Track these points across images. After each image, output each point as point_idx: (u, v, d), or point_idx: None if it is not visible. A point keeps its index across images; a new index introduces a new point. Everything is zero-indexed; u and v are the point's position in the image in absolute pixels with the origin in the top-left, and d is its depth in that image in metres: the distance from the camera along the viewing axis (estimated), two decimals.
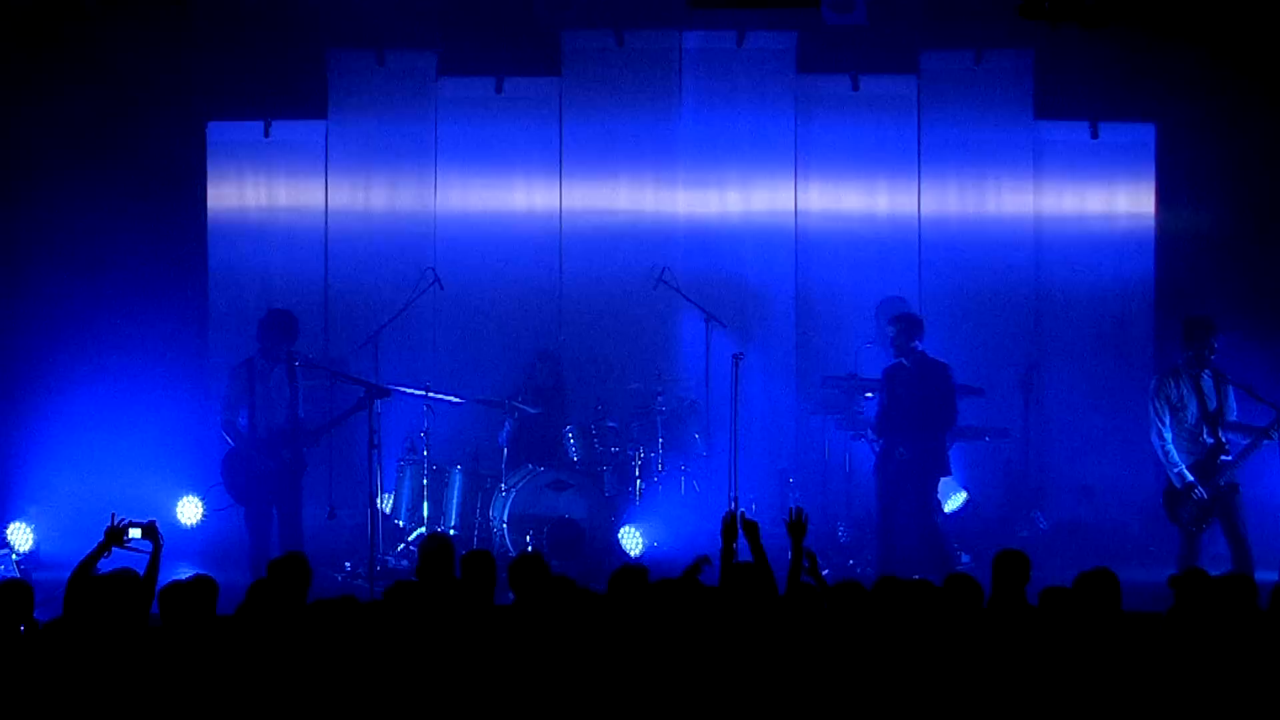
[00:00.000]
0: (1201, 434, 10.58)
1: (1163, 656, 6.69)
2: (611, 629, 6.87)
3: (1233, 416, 10.57)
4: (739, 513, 7.91)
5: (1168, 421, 10.61)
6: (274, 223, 13.70)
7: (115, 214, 13.17)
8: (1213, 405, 10.54)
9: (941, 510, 11.61)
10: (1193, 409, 10.57)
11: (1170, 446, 10.60)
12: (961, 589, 7.11)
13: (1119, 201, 13.65)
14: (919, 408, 11.17)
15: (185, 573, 7.55)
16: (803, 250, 13.69)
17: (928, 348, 11.35)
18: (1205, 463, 10.53)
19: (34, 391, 12.82)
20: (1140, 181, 13.60)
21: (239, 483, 11.18)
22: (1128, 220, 13.61)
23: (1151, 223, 13.56)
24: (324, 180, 13.75)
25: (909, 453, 11.11)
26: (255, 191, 13.72)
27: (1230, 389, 10.57)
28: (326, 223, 13.75)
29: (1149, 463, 11.89)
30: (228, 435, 11.18)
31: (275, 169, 13.75)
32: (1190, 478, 10.51)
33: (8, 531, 12.18)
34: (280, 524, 11.19)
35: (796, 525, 7.74)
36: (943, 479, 11.45)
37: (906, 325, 11.33)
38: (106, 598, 6.94)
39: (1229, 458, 10.50)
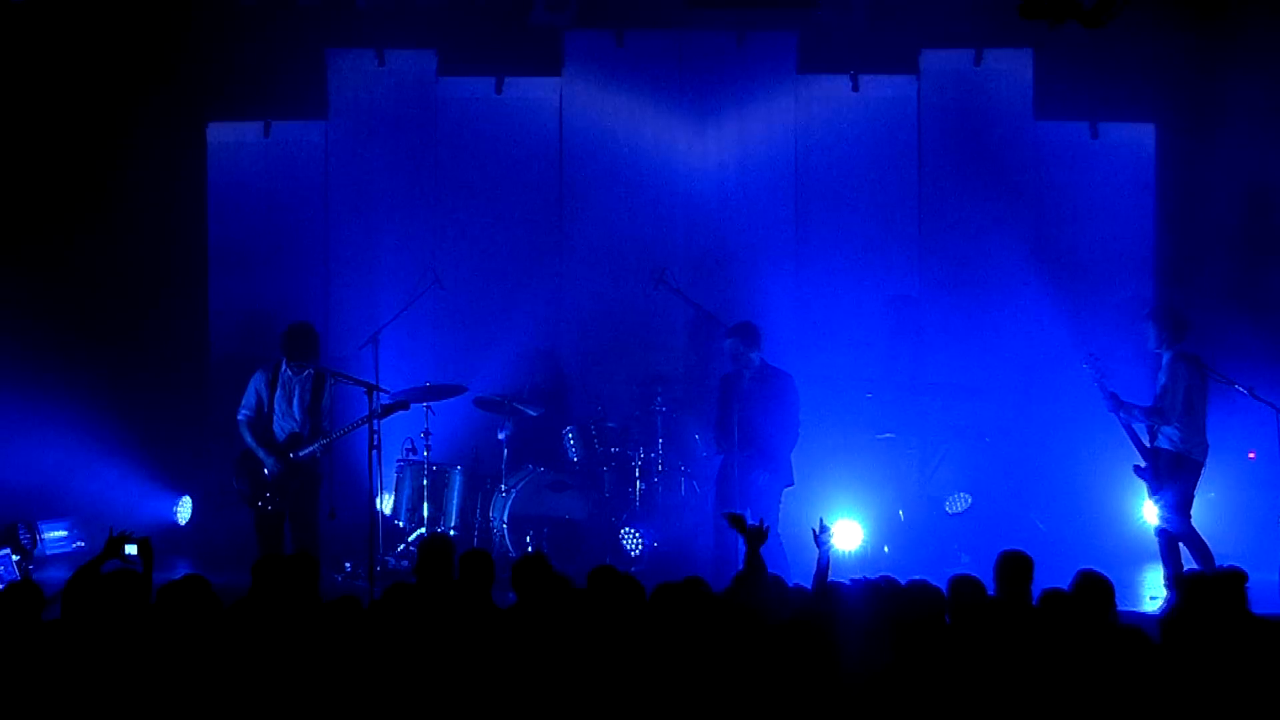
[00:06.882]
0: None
1: (1164, 655, 6.69)
2: (610, 630, 6.87)
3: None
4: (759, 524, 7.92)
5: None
6: (274, 223, 13.70)
7: (116, 214, 13.17)
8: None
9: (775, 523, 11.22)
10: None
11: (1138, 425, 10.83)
12: (966, 590, 7.13)
13: (1118, 201, 13.64)
14: (759, 419, 10.90)
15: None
16: (803, 247, 13.69)
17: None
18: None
19: (35, 393, 12.81)
20: (1140, 181, 13.59)
21: (247, 485, 11.16)
22: (1127, 219, 13.61)
23: (1151, 222, 13.57)
24: (324, 180, 13.76)
25: (765, 470, 10.80)
26: (255, 191, 13.72)
27: (1162, 374, 10.64)
28: (327, 223, 13.75)
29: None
30: (243, 433, 11.18)
31: (275, 169, 13.75)
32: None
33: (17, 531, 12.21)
34: (291, 529, 11.17)
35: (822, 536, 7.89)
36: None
37: (743, 336, 11.04)
38: (108, 597, 6.95)
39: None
